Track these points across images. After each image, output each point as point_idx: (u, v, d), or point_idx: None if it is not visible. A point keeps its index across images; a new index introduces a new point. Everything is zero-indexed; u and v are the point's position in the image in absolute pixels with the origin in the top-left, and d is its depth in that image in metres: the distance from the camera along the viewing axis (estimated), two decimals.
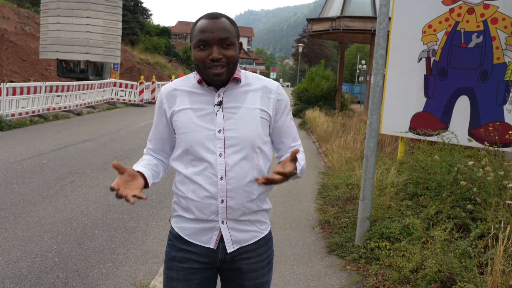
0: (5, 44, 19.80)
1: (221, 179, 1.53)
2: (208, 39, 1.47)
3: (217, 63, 1.48)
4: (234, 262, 1.63)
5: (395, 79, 5.01)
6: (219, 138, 1.52)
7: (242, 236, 1.61)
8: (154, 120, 1.68)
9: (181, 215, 1.63)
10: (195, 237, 1.61)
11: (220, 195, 1.53)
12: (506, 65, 4.46)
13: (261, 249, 1.66)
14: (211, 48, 1.48)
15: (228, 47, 1.49)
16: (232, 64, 1.51)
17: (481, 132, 4.59)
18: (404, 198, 4.48)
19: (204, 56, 1.48)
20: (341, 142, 8.59)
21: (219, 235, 1.59)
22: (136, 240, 4.19)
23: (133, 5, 38.78)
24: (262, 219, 1.66)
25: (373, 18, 14.08)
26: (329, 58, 56.55)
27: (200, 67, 1.51)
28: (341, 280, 3.55)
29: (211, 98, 1.56)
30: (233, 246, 1.60)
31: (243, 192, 1.55)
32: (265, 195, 1.65)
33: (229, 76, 1.53)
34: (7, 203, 4.91)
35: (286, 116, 1.65)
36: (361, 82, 38.07)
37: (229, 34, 1.49)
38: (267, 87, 1.61)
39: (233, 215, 1.57)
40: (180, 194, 1.61)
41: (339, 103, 16.85)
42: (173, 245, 1.65)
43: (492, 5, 4.48)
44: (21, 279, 3.30)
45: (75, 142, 8.95)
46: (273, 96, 1.60)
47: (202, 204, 1.55)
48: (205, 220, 1.57)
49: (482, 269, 2.96)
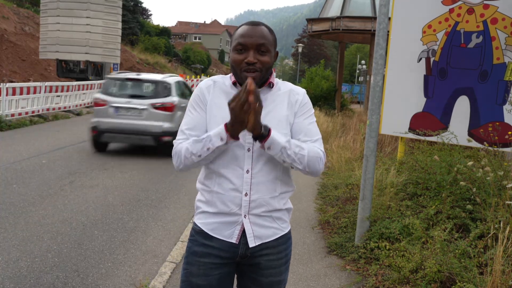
0: (5, 44, 19.80)
1: (247, 172, 1.61)
2: (246, 43, 1.57)
3: (251, 66, 1.57)
4: (253, 258, 1.68)
5: (395, 79, 5.01)
6: (249, 134, 1.58)
7: (264, 231, 1.66)
8: (188, 113, 1.69)
9: (205, 211, 1.68)
10: (217, 232, 1.65)
11: (245, 188, 1.61)
12: (505, 65, 4.46)
13: (281, 247, 1.71)
14: (248, 52, 1.58)
15: (263, 54, 1.59)
16: (265, 70, 1.60)
17: (480, 132, 4.59)
18: (404, 198, 4.48)
19: (241, 59, 1.58)
20: (340, 142, 8.60)
21: (241, 230, 1.64)
22: (136, 240, 4.19)
23: (132, 5, 38.78)
24: (283, 218, 1.71)
25: (373, 18, 14.08)
26: (329, 58, 56.52)
27: (236, 69, 1.60)
28: (341, 280, 3.55)
29: None
30: (255, 241, 1.65)
31: (267, 187, 1.63)
32: (287, 195, 1.72)
33: (261, 81, 1.62)
34: (6, 203, 4.91)
35: (307, 118, 1.69)
36: (361, 82, 38.08)
37: (266, 41, 1.59)
38: (294, 89, 1.72)
39: (255, 209, 1.63)
40: (204, 189, 1.68)
41: (339, 103, 16.86)
42: (195, 240, 1.69)
43: (491, 5, 4.49)
44: (21, 279, 3.29)
45: (75, 142, 8.95)
46: (299, 97, 1.70)
47: (226, 196, 1.62)
48: (228, 213, 1.63)
49: (482, 269, 2.96)
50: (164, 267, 3.63)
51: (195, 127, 1.65)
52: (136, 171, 6.80)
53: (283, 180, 1.68)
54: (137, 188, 5.91)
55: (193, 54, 49.42)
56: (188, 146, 1.60)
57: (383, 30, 3.87)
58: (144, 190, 5.85)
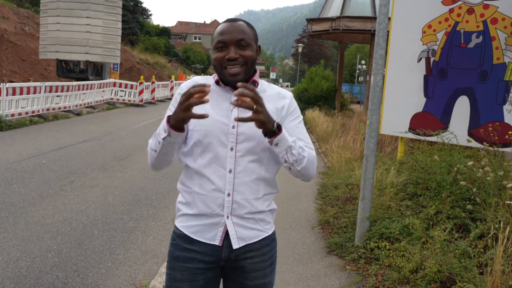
0: (5, 44, 19.80)
1: (230, 172, 1.57)
2: (225, 40, 1.54)
3: (234, 62, 1.54)
4: (238, 261, 1.64)
5: (394, 79, 5.01)
6: (232, 133, 1.56)
7: (247, 233, 1.62)
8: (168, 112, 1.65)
9: (186, 213, 1.64)
10: (200, 235, 1.61)
11: (227, 188, 1.57)
12: (505, 65, 4.46)
13: (265, 249, 1.68)
14: (229, 49, 1.54)
15: (245, 48, 1.56)
16: (250, 64, 1.57)
17: (480, 132, 4.59)
18: (404, 198, 4.48)
19: (222, 56, 1.55)
20: (340, 142, 8.59)
21: (224, 231, 1.60)
22: (136, 240, 4.19)
23: (132, 5, 38.79)
24: (267, 219, 1.68)
25: (373, 18, 14.08)
26: (329, 58, 56.54)
27: (218, 68, 1.58)
28: (341, 280, 3.55)
29: (228, 96, 1.61)
30: (239, 243, 1.61)
31: (250, 188, 1.59)
32: (271, 197, 1.68)
33: (246, 76, 1.58)
34: (6, 203, 4.91)
35: (295, 119, 1.67)
36: (361, 82, 38.07)
37: (245, 36, 1.56)
38: (281, 93, 1.69)
39: (238, 210, 1.59)
40: (185, 190, 1.64)
41: (338, 103, 16.85)
42: (177, 245, 1.65)
43: (491, 5, 4.49)
44: (21, 279, 3.29)
45: (75, 142, 8.95)
46: (287, 101, 1.67)
47: (208, 197, 1.58)
48: (209, 214, 1.59)
49: (482, 269, 2.96)
50: (164, 267, 3.62)
51: None
52: (136, 171, 6.80)
53: (266, 181, 1.64)
54: (137, 188, 5.91)
55: (193, 54, 49.44)
56: (150, 141, 1.60)
57: (383, 30, 3.87)
58: (144, 190, 5.84)
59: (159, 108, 18.12)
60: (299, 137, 1.62)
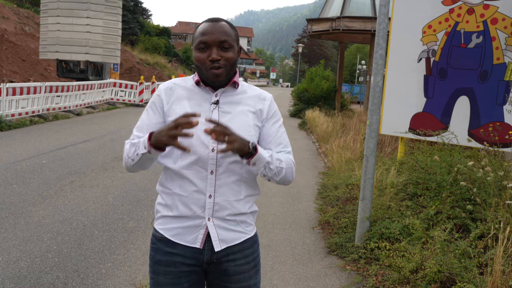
0: (5, 44, 19.81)
1: (211, 173, 1.56)
2: (208, 41, 1.53)
3: (216, 63, 1.53)
4: (220, 264, 1.62)
5: (395, 79, 5.01)
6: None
7: (229, 235, 1.61)
8: (147, 113, 1.65)
9: (165, 215, 1.62)
10: (180, 237, 1.59)
11: (209, 189, 1.56)
12: (506, 65, 4.46)
13: (248, 251, 1.66)
14: (211, 50, 1.54)
15: (227, 50, 1.55)
16: (230, 66, 1.57)
17: (480, 132, 4.59)
18: (404, 198, 4.48)
19: (204, 57, 1.54)
20: (341, 142, 8.60)
21: (205, 234, 1.58)
22: (136, 240, 4.19)
23: (133, 5, 38.77)
24: (248, 221, 1.67)
25: (373, 18, 14.08)
26: (329, 58, 56.56)
27: (201, 68, 1.57)
28: (341, 280, 3.55)
29: (209, 97, 1.61)
30: (220, 245, 1.59)
31: (231, 190, 1.59)
32: (252, 199, 1.67)
33: (227, 78, 1.58)
34: (6, 203, 4.91)
35: (275, 123, 1.67)
36: (361, 82, 38.07)
37: (228, 37, 1.55)
38: (261, 94, 1.68)
39: (219, 212, 1.58)
40: (165, 192, 1.62)
41: (338, 103, 16.86)
42: (158, 249, 1.63)
43: (492, 6, 4.49)
44: (21, 279, 3.29)
45: (75, 142, 8.95)
46: (266, 103, 1.67)
47: (189, 199, 1.56)
48: (190, 216, 1.57)
49: (482, 270, 2.96)
50: None
51: (144, 128, 1.62)
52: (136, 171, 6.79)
53: (248, 183, 1.63)
54: (137, 188, 5.91)
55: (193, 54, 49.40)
56: (127, 147, 1.59)
57: (383, 30, 3.88)
58: (144, 190, 5.84)
59: None
60: (279, 142, 1.64)
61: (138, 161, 1.55)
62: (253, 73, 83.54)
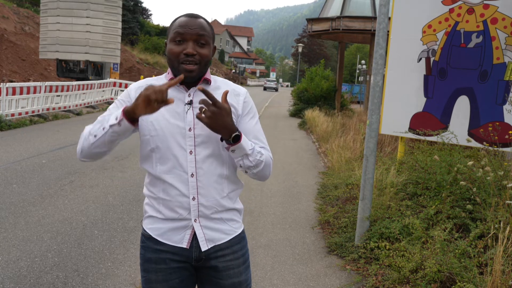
0: (5, 44, 19.80)
1: (192, 176, 1.55)
2: (185, 34, 1.51)
3: (190, 58, 1.51)
4: (209, 260, 1.62)
5: (394, 79, 5.01)
6: (190, 136, 1.54)
7: (215, 234, 1.61)
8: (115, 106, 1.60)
9: (153, 216, 1.63)
10: (166, 237, 1.60)
11: (192, 192, 1.55)
12: (505, 65, 4.46)
13: (236, 247, 1.66)
14: (187, 44, 1.52)
15: (203, 46, 1.54)
16: (204, 63, 1.55)
17: (480, 132, 4.59)
18: (404, 198, 4.48)
19: (179, 50, 1.52)
20: (340, 142, 8.59)
21: (192, 234, 1.59)
22: (136, 240, 4.19)
23: (132, 5, 38.76)
24: (235, 218, 1.67)
25: (373, 18, 14.08)
26: (328, 58, 56.54)
27: (174, 62, 1.54)
28: (341, 280, 3.55)
29: (182, 96, 1.58)
30: (207, 245, 1.60)
31: (214, 189, 1.58)
32: (236, 194, 1.67)
33: (199, 75, 1.56)
34: (6, 203, 4.91)
35: (252, 118, 1.64)
36: (361, 82, 38.06)
37: (205, 33, 1.54)
38: (235, 90, 1.64)
39: (205, 212, 1.58)
40: (151, 196, 1.62)
41: (338, 103, 16.85)
42: (147, 247, 1.64)
43: (491, 5, 4.49)
44: (21, 279, 3.29)
45: (75, 142, 8.94)
46: (241, 98, 1.63)
47: (173, 202, 1.56)
48: (176, 219, 1.58)
49: (482, 269, 2.96)
50: None
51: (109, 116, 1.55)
52: (136, 171, 6.80)
53: (229, 179, 1.63)
54: (137, 188, 5.91)
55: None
56: (90, 126, 1.53)
57: (383, 30, 3.87)
58: None
59: None
60: (256, 138, 1.62)
61: (100, 138, 1.48)
62: (253, 73, 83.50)
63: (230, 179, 1.63)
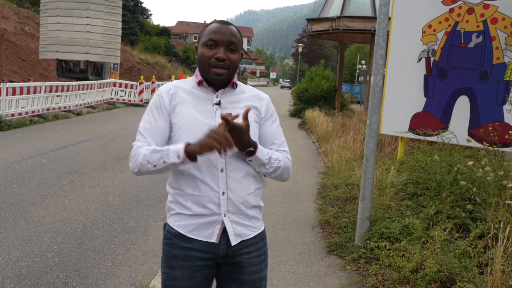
0: (5, 44, 19.79)
1: (222, 171, 1.62)
2: (218, 39, 1.61)
3: (221, 63, 1.60)
4: (234, 257, 1.67)
5: (395, 79, 5.01)
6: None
7: (243, 230, 1.67)
8: (147, 117, 1.67)
9: (180, 213, 1.66)
10: (196, 233, 1.64)
11: (221, 187, 1.61)
12: (505, 65, 4.46)
13: (259, 244, 1.73)
14: (219, 49, 1.61)
15: (233, 52, 1.63)
16: (233, 68, 1.64)
17: (480, 132, 4.59)
18: (404, 198, 4.48)
19: (211, 54, 1.61)
20: (340, 142, 8.60)
21: (221, 229, 1.64)
22: (136, 240, 4.19)
23: (132, 5, 38.76)
24: (258, 216, 1.74)
25: (373, 18, 14.08)
26: (329, 58, 56.53)
27: (204, 65, 1.63)
28: (341, 280, 3.55)
29: (210, 98, 1.67)
30: (236, 240, 1.65)
31: (242, 185, 1.65)
32: (260, 192, 1.74)
33: (228, 79, 1.65)
34: (6, 203, 4.91)
35: (273, 122, 1.76)
36: (361, 82, 38.07)
37: (236, 40, 1.64)
38: (259, 95, 1.77)
39: (233, 208, 1.64)
40: (177, 193, 1.66)
41: (338, 103, 16.85)
42: (173, 244, 1.67)
43: (492, 5, 4.49)
44: (21, 279, 3.29)
45: (75, 142, 8.95)
46: (264, 102, 1.75)
47: (203, 197, 1.61)
48: (205, 214, 1.62)
49: (482, 269, 2.96)
50: None
51: (153, 133, 1.64)
52: None
53: (255, 177, 1.70)
54: (137, 188, 5.91)
55: (193, 54, 49.37)
56: (147, 153, 1.58)
57: (383, 30, 3.87)
58: (144, 190, 5.85)
59: None
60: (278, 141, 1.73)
61: (161, 169, 1.58)
62: (253, 73, 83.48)
63: (256, 177, 1.70)
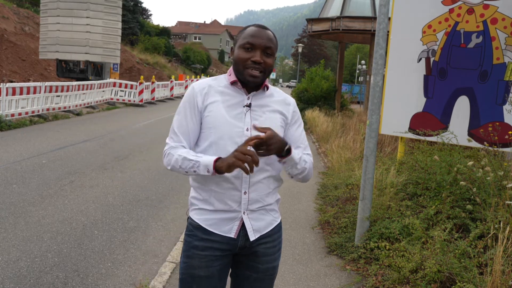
0: (5, 44, 19.79)
1: None
2: (255, 43, 1.67)
3: (257, 66, 1.67)
4: (251, 247, 1.77)
5: (394, 79, 5.01)
6: (246, 136, 1.68)
7: (261, 224, 1.78)
8: (181, 115, 1.74)
9: (202, 208, 1.75)
10: (216, 228, 1.73)
11: (244, 186, 1.70)
12: (505, 65, 4.46)
13: (275, 235, 1.84)
14: (255, 52, 1.68)
15: (269, 56, 1.70)
16: (268, 71, 1.72)
17: (480, 132, 4.59)
18: (404, 198, 4.48)
19: (247, 57, 1.68)
20: (340, 142, 8.60)
21: (240, 225, 1.73)
22: (136, 240, 4.19)
23: (132, 5, 38.76)
24: (275, 209, 1.86)
25: (373, 18, 14.07)
26: (328, 58, 56.52)
27: (240, 66, 1.69)
28: (341, 280, 3.55)
29: (242, 99, 1.74)
30: (254, 235, 1.75)
31: (263, 185, 1.74)
32: (277, 189, 1.86)
33: (262, 81, 1.73)
34: (6, 203, 4.91)
35: (299, 126, 1.85)
36: (361, 82, 38.06)
37: (272, 45, 1.71)
38: (286, 99, 1.85)
39: (252, 206, 1.73)
40: (201, 188, 1.74)
41: (338, 103, 16.85)
42: (194, 235, 1.75)
43: (491, 5, 4.49)
44: (21, 279, 3.29)
45: (75, 142, 8.95)
46: (291, 108, 1.84)
47: (225, 195, 1.70)
48: (226, 210, 1.71)
49: (482, 269, 2.96)
50: (164, 267, 3.63)
51: (185, 132, 1.73)
52: (136, 171, 6.80)
53: (275, 177, 1.80)
54: (137, 188, 5.91)
55: (193, 54, 49.40)
56: (179, 158, 1.67)
57: (383, 30, 3.88)
58: (144, 190, 5.85)
59: (159, 108, 18.11)
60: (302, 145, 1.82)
61: (190, 174, 1.69)
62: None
63: (276, 177, 1.81)
